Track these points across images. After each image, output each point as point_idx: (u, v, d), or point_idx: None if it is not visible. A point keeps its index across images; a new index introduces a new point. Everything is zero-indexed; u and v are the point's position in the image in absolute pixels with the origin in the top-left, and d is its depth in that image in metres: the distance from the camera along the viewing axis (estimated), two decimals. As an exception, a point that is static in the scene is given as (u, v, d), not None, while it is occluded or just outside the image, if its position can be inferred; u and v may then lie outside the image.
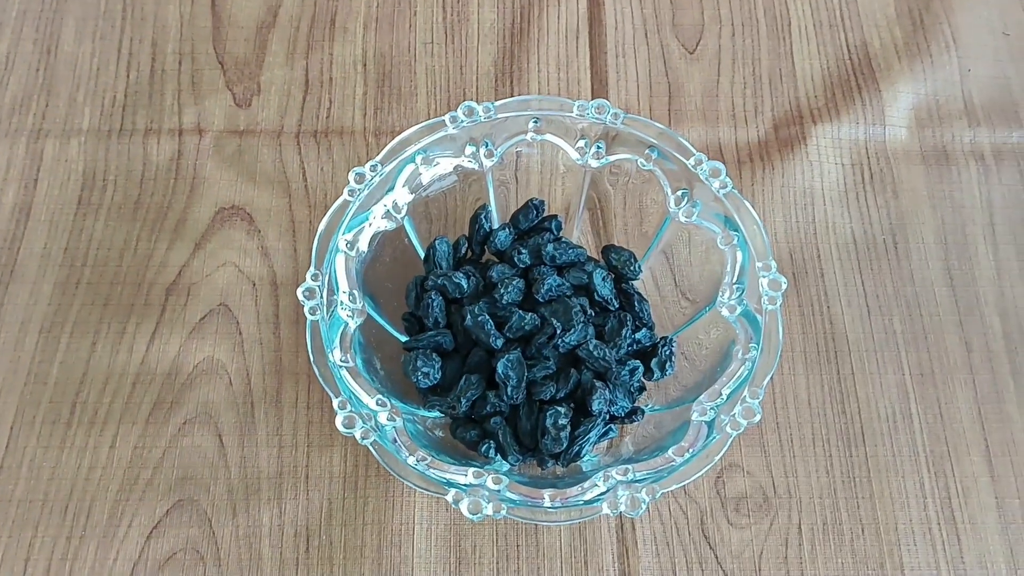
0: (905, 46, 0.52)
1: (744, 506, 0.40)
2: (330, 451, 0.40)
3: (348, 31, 0.51)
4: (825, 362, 0.43)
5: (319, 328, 0.35)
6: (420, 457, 0.34)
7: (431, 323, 0.40)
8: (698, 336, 0.40)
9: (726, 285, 0.38)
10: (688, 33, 0.52)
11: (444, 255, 0.41)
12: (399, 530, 0.39)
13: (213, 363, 0.42)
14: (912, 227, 0.47)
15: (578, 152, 0.41)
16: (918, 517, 0.40)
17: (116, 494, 0.39)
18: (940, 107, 0.50)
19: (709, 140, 0.48)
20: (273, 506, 0.39)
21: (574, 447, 0.37)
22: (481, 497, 0.33)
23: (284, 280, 0.44)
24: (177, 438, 0.40)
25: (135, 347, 0.42)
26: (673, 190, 0.40)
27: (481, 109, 0.40)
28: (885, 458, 0.41)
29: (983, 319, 0.45)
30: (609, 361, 0.38)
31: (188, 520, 0.39)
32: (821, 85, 0.50)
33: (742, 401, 0.35)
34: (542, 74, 0.50)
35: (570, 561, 0.39)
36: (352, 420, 0.34)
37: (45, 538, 0.38)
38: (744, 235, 0.38)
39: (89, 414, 0.41)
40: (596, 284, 0.40)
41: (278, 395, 0.41)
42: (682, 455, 0.34)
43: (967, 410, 0.42)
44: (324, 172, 0.46)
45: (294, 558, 0.38)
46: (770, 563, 0.39)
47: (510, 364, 0.37)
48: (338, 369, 0.35)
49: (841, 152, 0.48)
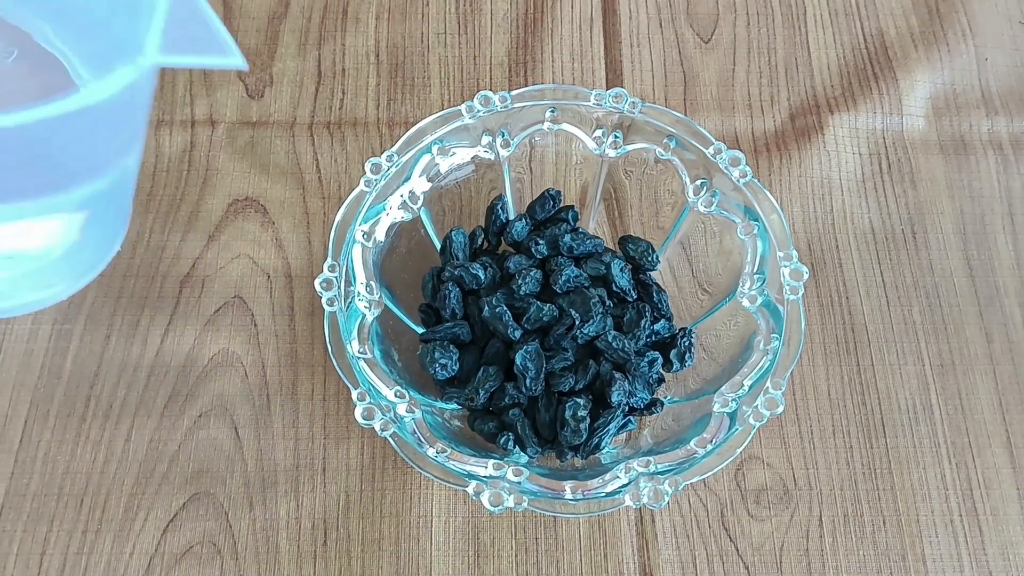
0: (922, 35, 0.51)
1: (764, 498, 0.40)
2: (347, 443, 0.40)
3: (360, 21, 0.50)
4: (845, 353, 0.43)
5: (337, 319, 0.35)
6: (440, 449, 0.34)
7: (448, 314, 0.39)
8: (716, 328, 0.40)
9: (746, 275, 0.38)
10: (703, 22, 0.51)
11: (460, 246, 0.41)
12: (417, 522, 0.39)
13: (228, 355, 0.41)
14: (931, 217, 0.46)
15: (595, 142, 0.41)
16: (939, 509, 0.40)
17: (132, 487, 0.39)
18: (957, 96, 0.50)
19: (725, 130, 0.48)
20: (290, 499, 0.39)
21: (593, 439, 0.37)
22: (501, 489, 0.33)
23: (299, 272, 0.43)
24: (193, 431, 0.40)
25: (149, 340, 0.42)
26: (692, 179, 0.40)
27: (497, 99, 0.39)
28: (906, 449, 0.41)
29: (1003, 309, 0.44)
30: (628, 352, 0.38)
31: (205, 513, 0.38)
32: (838, 74, 0.50)
33: (765, 392, 0.35)
34: (556, 64, 0.49)
35: (589, 554, 0.38)
36: (371, 412, 0.33)
37: (60, 532, 0.38)
38: (765, 224, 0.37)
39: (104, 407, 0.40)
40: (614, 275, 0.40)
41: (294, 387, 0.41)
42: (704, 447, 0.34)
43: (988, 401, 0.42)
44: (338, 163, 0.46)
45: (312, 551, 0.38)
46: (791, 555, 0.39)
47: (528, 355, 0.37)
48: (356, 361, 0.35)
49: (859, 142, 0.48)
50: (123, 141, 0.36)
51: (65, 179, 0.34)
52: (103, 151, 0.35)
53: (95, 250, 0.43)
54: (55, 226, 0.38)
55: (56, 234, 0.39)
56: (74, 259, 0.42)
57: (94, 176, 0.36)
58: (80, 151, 0.33)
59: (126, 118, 0.34)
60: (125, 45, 0.33)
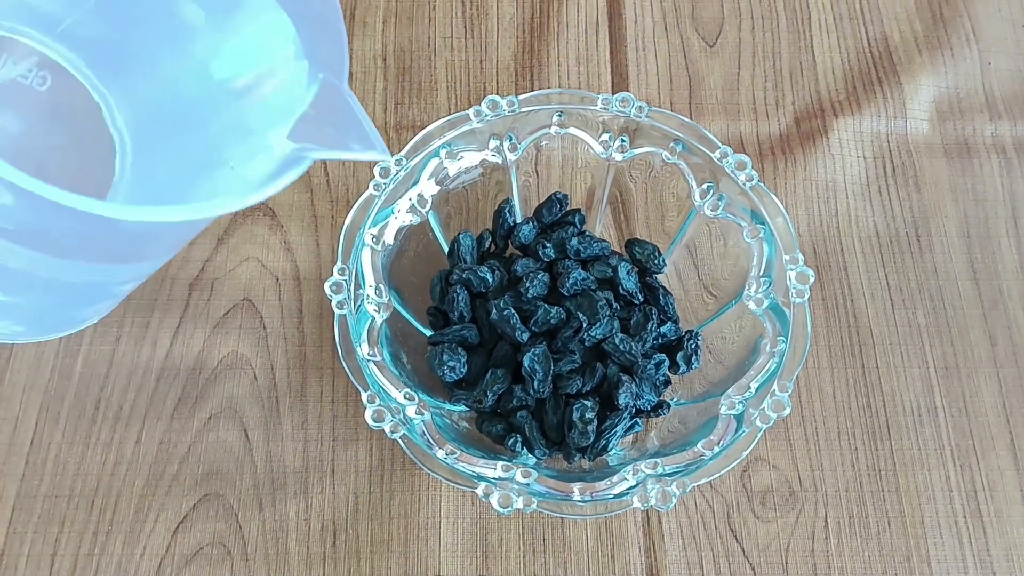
0: (925, 39, 0.52)
1: (770, 500, 0.40)
2: (355, 445, 0.40)
3: (368, 25, 0.50)
4: (850, 356, 0.43)
5: (347, 322, 0.35)
6: (449, 451, 0.34)
7: (456, 317, 0.40)
8: (723, 331, 0.40)
9: (753, 278, 0.38)
10: (708, 27, 0.51)
11: (468, 249, 0.41)
12: (425, 524, 0.39)
13: (237, 358, 0.42)
14: (935, 220, 0.47)
15: (602, 146, 0.41)
16: (944, 510, 0.40)
17: (142, 489, 0.39)
18: (961, 100, 0.50)
19: (731, 133, 0.48)
20: (299, 500, 0.39)
21: (601, 441, 0.37)
22: (510, 491, 0.33)
23: (307, 275, 0.44)
24: (202, 433, 0.40)
25: (159, 342, 0.42)
26: (698, 183, 0.40)
27: (505, 103, 0.40)
28: (911, 451, 0.41)
29: (1007, 312, 0.44)
30: (635, 355, 0.38)
31: (215, 515, 0.39)
32: (842, 78, 0.50)
33: (771, 394, 0.35)
34: (562, 68, 0.50)
35: (596, 555, 0.39)
36: (381, 414, 0.34)
37: (71, 533, 0.38)
38: (771, 228, 0.38)
39: (114, 409, 0.41)
40: (621, 278, 0.40)
41: (303, 390, 0.41)
42: (711, 449, 0.34)
43: (992, 403, 0.42)
44: (346, 167, 0.46)
45: (321, 552, 0.38)
46: (797, 556, 0.39)
47: (536, 358, 0.37)
48: (366, 363, 0.35)
49: (863, 145, 0.48)
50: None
51: (148, 256, 0.34)
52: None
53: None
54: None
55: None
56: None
57: (168, 255, 0.35)
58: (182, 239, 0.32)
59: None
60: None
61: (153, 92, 0.37)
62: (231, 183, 0.33)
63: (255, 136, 0.34)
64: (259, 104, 0.34)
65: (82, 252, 0.31)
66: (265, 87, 0.34)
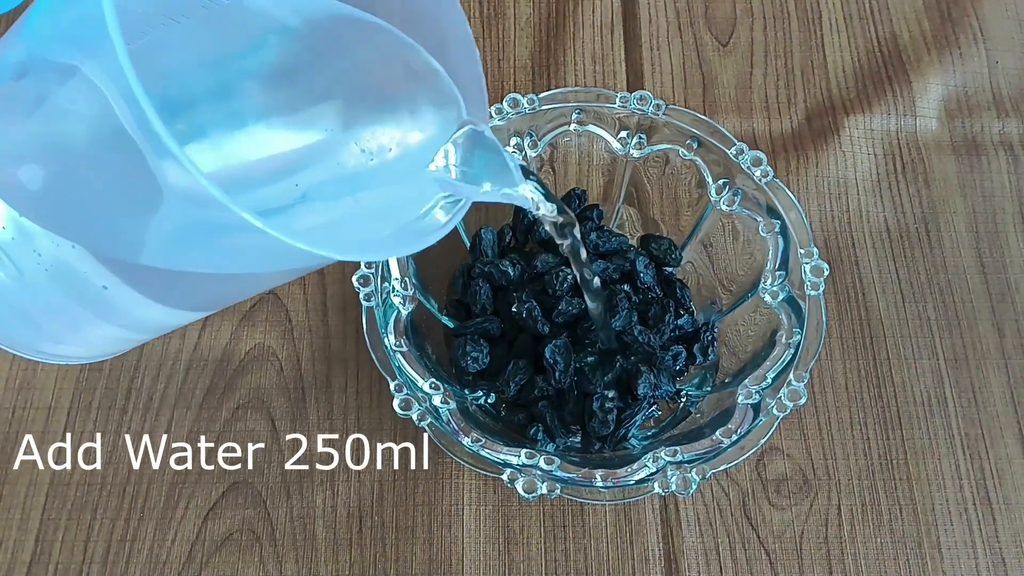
0: (934, 39, 0.52)
1: (785, 488, 0.41)
2: (379, 434, 0.41)
3: (387, 25, 0.51)
4: (862, 348, 0.44)
5: (374, 314, 0.36)
6: (474, 438, 0.35)
7: (478, 310, 0.41)
8: (738, 325, 0.41)
9: (768, 272, 0.39)
10: (721, 26, 0.52)
11: (490, 243, 0.42)
12: (448, 511, 0.40)
13: (264, 350, 0.43)
14: (944, 216, 0.48)
15: (620, 143, 0.42)
16: (954, 498, 0.41)
17: (172, 477, 0.40)
18: (969, 98, 0.51)
19: (744, 131, 0.49)
20: (326, 488, 0.40)
21: (621, 429, 0.38)
22: (535, 477, 0.34)
23: (331, 269, 0.45)
24: (231, 423, 0.41)
25: (187, 334, 0.43)
26: (715, 179, 0.41)
27: (526, 101, 0.41)
28: (921, 441, 0.42)
29: (1015, 305, 0.45)
30: (653, 346, 0.39)
31: (243, 502, 0.40)
32: (852, 77, 0.51)
33: (787, 384, 0.36)
34: (579, 67, 0.51)
35: (615, 541, 0.40)
36: (409, 403, 0.35)
37: (104, 520, 0.39)
38: (786, 222, 0.39)
39: (144, 399, 0.42)
40: (639, 271, 0.41)
41: (328, 381, 0.42)
42: (729, 437, 0.35)
43: (1000, 394, 0.43)
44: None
45: (347, 539, 0.39)
46: (811, 543, 0.40)
47: (557, 349, 0.38)
48: (394, 354, 0.36)
49: (873, 143, 0.49)
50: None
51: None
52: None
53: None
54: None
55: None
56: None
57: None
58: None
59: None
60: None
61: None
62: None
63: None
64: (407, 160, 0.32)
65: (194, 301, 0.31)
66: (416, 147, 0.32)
